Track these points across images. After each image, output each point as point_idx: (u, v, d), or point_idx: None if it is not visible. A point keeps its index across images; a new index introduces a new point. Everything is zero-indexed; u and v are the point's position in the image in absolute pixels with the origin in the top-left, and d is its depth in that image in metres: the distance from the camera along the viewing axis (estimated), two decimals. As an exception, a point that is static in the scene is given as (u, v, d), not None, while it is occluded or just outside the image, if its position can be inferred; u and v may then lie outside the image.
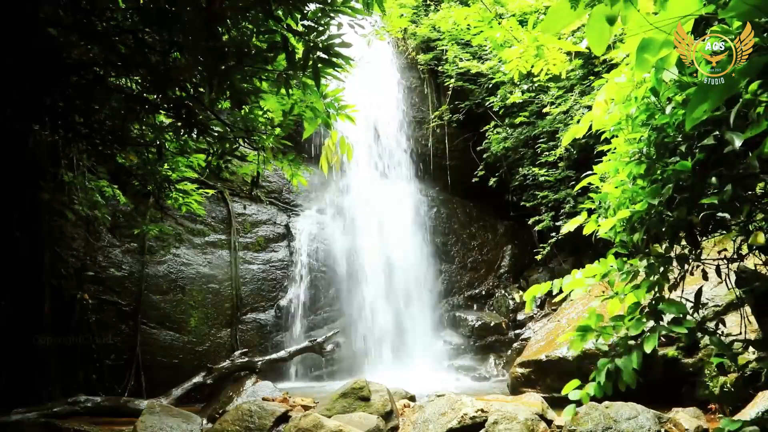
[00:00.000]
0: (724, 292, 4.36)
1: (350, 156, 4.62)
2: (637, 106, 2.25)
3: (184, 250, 7.88)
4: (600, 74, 7.12)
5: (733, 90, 1.45)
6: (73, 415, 4.95)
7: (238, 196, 8.86)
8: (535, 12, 6.38)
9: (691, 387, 4.56)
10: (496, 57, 8.52)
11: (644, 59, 1.68)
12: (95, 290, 6.82)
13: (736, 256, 2.34)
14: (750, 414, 3.27)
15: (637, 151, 2.25)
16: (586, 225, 2.60)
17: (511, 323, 9.29)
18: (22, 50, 3.20)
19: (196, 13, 2.87)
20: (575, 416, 3.72)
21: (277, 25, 3.03)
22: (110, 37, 3.21)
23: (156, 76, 3.33)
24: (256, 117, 4.13)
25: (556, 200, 8.78)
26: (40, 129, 4.76)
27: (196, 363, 7.07)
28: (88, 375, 6.38)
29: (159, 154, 4.45)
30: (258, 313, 8.21)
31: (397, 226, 9.77)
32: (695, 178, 1.96)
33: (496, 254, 10.72)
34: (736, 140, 1.64)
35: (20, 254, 5.19)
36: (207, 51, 3.01)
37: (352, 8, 3.14)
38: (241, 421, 4.13)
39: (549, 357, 5.59)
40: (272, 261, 8.67)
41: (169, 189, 5.17)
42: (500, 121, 9.91)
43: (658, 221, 2.13)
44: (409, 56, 11.19)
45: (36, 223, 5.37)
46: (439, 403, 4.17)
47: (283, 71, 3.34)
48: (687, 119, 1.51)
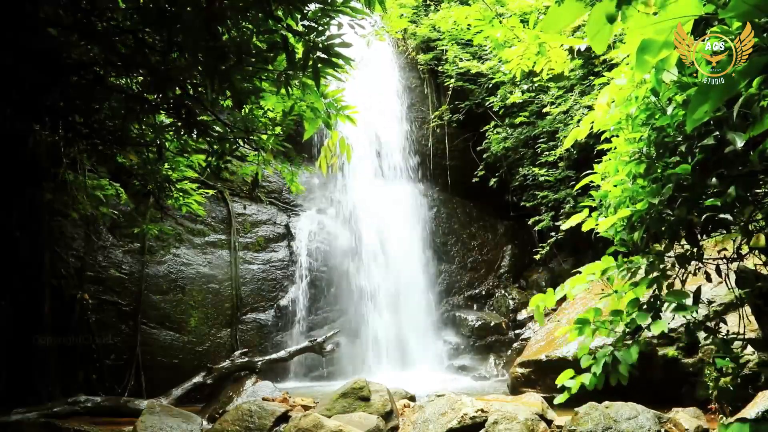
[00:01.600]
0: (724, 292, 4.36)
1: (350, 157, 4.62)
2: (638, 105, 2.25)
3: (184, 250, 7.88)
4: (600, 74, 7.12)
5: (734, 90, 1.44)
6: (73, 415, 4.95)
7: (238, 196, 8.86)
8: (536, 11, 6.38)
9: (691, 387, 4.56)
10: (496, 57, 8.52)
11: (644, 60, 1.68)
12: (95, 290, 6.82)
13: (736, 255, 2.34)
14: (750, 414, 3.26)
15: (637, 150, 2.26)
16: (586, 222, 2.60)
17: (511, 323, 9.29)
18: (22, 50, 3.21)
19: (196, 13, 2.87)
20: (575, 416, 3.72)
21: (277, 25, 3.04)
22: (110, 37, 3.21)
23: (156, 76, 3.33)
24: (257, 117, 4.13)
25: (556, 200, 8.78)
26: (41, 129, 4.76)
27: (196, 363, 7.07)
28: (88, 375, 6.38)
29: (159, 154, 4.45)
30: (258, 313, 8.21)
31: (397, 226, 9.76)
32: (695, 178, 1.96)
33: (496, 254, 10.72)
34: (738, 140, 1.64)
35: (20, 254, 5.19)
36: (207, 51, 3.01)
37: (352, 8, 3.14)
38: (241, 421, 4.13)
39: (549, 357, 5.59)
40: (272, 261, 8.67)
41: (170, 189, 5.18)
42: (500, 121, 9.91)
43: (658, 220, 2.13)
44: (409, 56, 11.19)
45: (36, 223, 5.36)
46: (439, 403, 4.17)
47: (283, 71, 3.35)
48: (688, 120, 1.51)
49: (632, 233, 2.30)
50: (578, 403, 3.85)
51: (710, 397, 4.32)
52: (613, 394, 3.82)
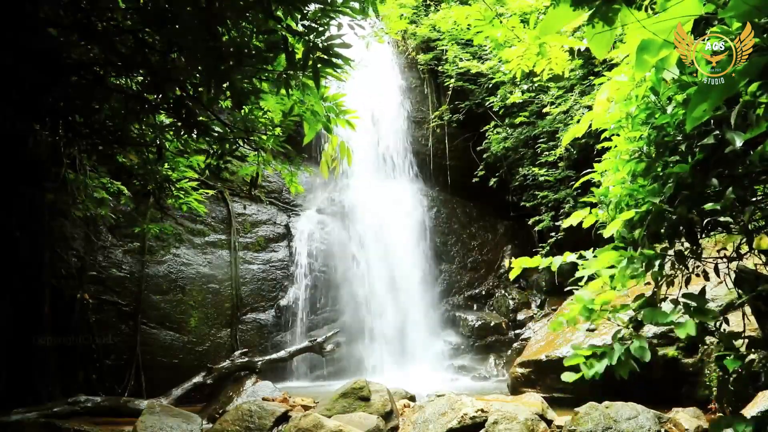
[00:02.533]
0: (724, 291, 4.36)
1: (350, 161, 4.64)
2: (638, 104, 2.25)
3: (184, 250, 7.88)
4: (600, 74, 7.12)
5: (734, 90, 1.45)
6: (73, 415, 4.94)
7: (238, 196, 8.87)
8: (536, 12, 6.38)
9: (691, 387, 4.56)
10: (496, 57, 8.52)
11: (644, 60, 1.68)
12: (95, 290, 6.82)
13: (736, 255, 2.34)
14: (750, 414, 3.26)
15: (637, 149, 2.26)
16: (586, 219, 2.60)
17: (511, 323, 9.29)
18: (22, 50, 3.21)
19: (196, 13, 2.87)
20: (575, 416, 3.72)
21: (276, 26, 3.03)
22: (110, 37, 3.21)
23: (156, 76, 3.33)
24: (256, 117, 4.13)
25: (556, 200, 8.78)
26: (41, 129, 4.76)
27: (196, 363, 7.07)
28: (88, 375, 6.39)
29: (159, 154, 4.45)
30: (258, 313, 8.22)
31: (396, 226, 9.77)
32: (695, 177, 1.96)
33: (496, 254, 10.72)
34: (737, 140, 1.64)
35: (20, 254, 5.19)
36: (207, 51, 3.01)
37: (352, 9, 3.14)
38: (241, 421, 4.13)
39: (549, 357, 5.59)
40: (272, 261, 8.67)
41: (170, 189, 5.18)
42: (500, 121, 9.91)
43: (658, 219, 2.13)
44: (409, 56, 11.19)
45: (36, 223, 5.36)
46: (439, 403, 4.17)
47: (283, 71, 3.34)
48: (688, 119, 1.51)
49: (632, 231, 2.30)
50: (578, 403, 3.85)
51: (710, 397, 4.33)
52: (613, 394, 3.83)
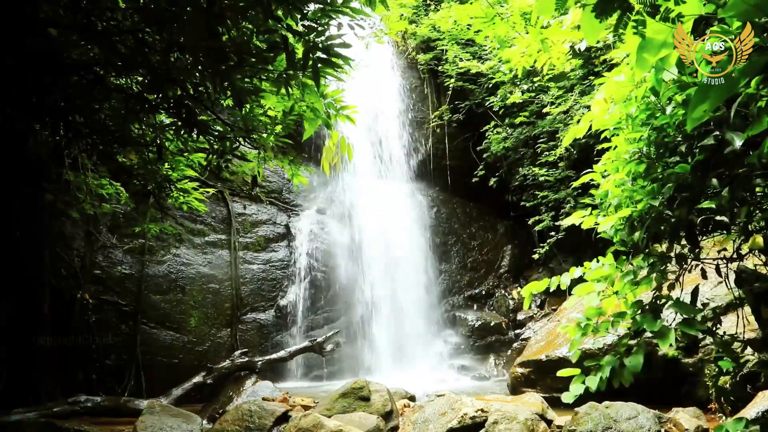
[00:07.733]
0: (724, 292, 4.36)
1: (351, 156, 4.63)
2: (637, 105, 2.24)
3: (184, 250, 7.87)
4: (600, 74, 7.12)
5: (734, 90, 1.44)
6: (73, 415, 4.94)
7: (238, 196, 8.86)
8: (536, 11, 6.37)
9: (691, 387, 4.56)
10: (496, 57, 8.52)
11: (644, 59, 1.68)
12: (95, 290, 6.82)
13: (736, 255, 2.34)
14: (750, 414, 3.27)
15: (637, 150, 2.25)
16: (586, 220, 2.60)
17: (511, 323, 9.29)
18: (22, 50, 3.21)
19: (196, 13, 2.87)
20: (575, 416, 3.72)
21: (277, 25, 3.04)
22: (110, 37, 3.21)
23: (156, 76, 3.33)
24: (257, 116, 4.13)
25: (556, 200, 8.78)
26: (42, 129, 4.76)
27: (196, 363, 7.06)
28: (88, 375, 6.38)
29: (159, 153, 4.45)
30: (258, 313, 8.21)
31: (397, 226, 9.76)
32: (695, 178, 1.96)
33: (496, 254, 10.72)
34: (737, 140, 1.64)
35: (20, 254, 5.19)
36: (207, 51, 3.01)
37: (352, 9, 3.14)
38: (241, 421, 4.13)
39: (549, 357, 5.59)
40: (272, 261, 8.67)
41: (170, 188, 5.18)
42: (500, 121, 9.90)
43: (658, 220, 2.13)
44: (409, 56, 11.19)
45: (36, 223, 5.36)
46: (439, 403, 4.17)
47: (283, 71, 3.35)
48: (688, 119, 1.51)
49: (632, 233, 2.30)
50: (578, 403, 3.85)
51: (710, 397, 4.33)
52: (613, 394, 3.81)
